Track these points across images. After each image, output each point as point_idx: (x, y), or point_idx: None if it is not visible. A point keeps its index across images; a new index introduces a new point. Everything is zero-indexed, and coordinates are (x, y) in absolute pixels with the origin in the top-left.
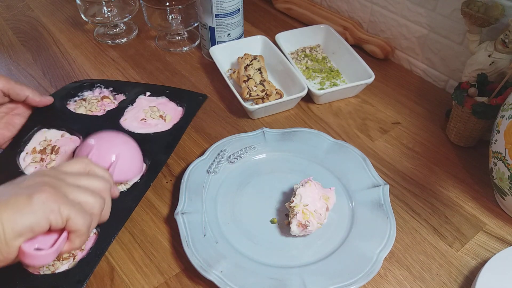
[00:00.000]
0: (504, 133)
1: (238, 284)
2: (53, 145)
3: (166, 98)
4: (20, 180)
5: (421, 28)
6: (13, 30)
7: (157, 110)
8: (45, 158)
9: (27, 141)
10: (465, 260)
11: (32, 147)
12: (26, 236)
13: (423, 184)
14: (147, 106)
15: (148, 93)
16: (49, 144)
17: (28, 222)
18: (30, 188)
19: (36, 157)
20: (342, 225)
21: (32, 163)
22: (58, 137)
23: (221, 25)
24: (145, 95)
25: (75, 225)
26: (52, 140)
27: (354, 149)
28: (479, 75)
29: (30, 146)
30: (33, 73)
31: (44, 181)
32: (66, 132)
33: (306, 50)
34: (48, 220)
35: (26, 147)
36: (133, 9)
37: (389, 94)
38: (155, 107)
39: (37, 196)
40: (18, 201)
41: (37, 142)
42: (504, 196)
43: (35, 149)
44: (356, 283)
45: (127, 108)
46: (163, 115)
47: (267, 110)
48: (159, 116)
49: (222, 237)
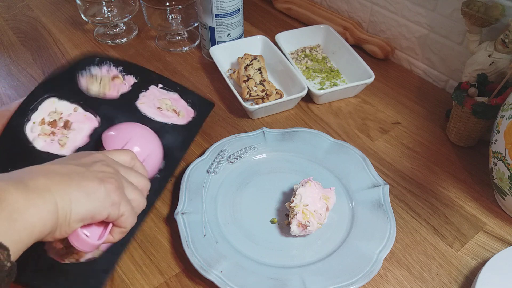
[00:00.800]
0: (504, 133)
1: (238, 284)
2: (66, 120)
3: (178, 95)
4: (80, 158)
5: (421, 28)
6: (13, 30)
7: (170, 104)
8: (56, 132)
9: (34, 109)
10: (465, 260)
11: (41, 118)
12: (86, 222)
13: (423, 184)
14: (160, 97)
15: (160, 85)
16: (61, 118)
17: (93, 208)
18: (99, 174)
19: (45, 129)
20: (342, 225)
21: (41, 136)
22: (70, 110)
23: (221, 25)
24: (157, 86)
25: (125, 223)
26: (63, 113)
27: (354, 149)
28: (479, 75)
29: (38, 115)
30: (33, 73)
31: (109, 170)
32: (80, 107)
33: (306, 50)
34: (108, 212)
35: (33, 115)
36: (133, 9)
37: (389, 94)
38: (168, 100)
39: (106, 186)
40: (89, 186)
41: (45, 112)
42: (504, 196)
43: (43, 120)
44: (356, 283)
45: (142, 93)
46: (176, 110)
47: (267, 110)
48: (173, 110)
49: (222, 237)
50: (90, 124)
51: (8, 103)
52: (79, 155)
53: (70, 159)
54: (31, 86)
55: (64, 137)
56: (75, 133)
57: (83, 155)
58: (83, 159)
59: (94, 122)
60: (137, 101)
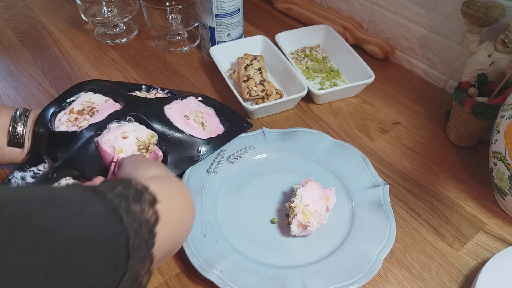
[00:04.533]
0: (504, 133)
1: (238, 284)
2: (93, 107)
3: (214, 111)
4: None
5: (421, 28)
6: (13, 30)
7: (202, 117)
8: (79, 118)
9: (71, 102)
10: (465, 260)
11: (72, 107)
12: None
13: (423, 184)
14: (194, 108)
15: (200, 98)
16: (90, 106)
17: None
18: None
19: (71, 117)
20: (342, 225)
21: (65, 122)
22: (101, 101)
23: (221, 25)
24: (196, 99)
25: None
26: (95, 103)
27: (354, 149)
28: (479, 75)
29: (71, 106)
30: (33, 73)
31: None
32: (111, 98)
33: (306, 50)
34: None
35: (68, 107)
36: (133, 9)
37: (389, 94)
38: (201, 113)
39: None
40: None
41: (79, 103)
42: (504, 196)
43: (73, 109)
44: (356, 283)
45: (176, 100)
46: (204, 123)
47: (267, 110)
48: (200, 123)
49: (222, 237)
50: (113, 109)
51: (8, 103)
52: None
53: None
54: (31, 86)
55: (84, 121)
56: (96, 117)
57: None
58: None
59: (117, 108)
60: (166, 106)
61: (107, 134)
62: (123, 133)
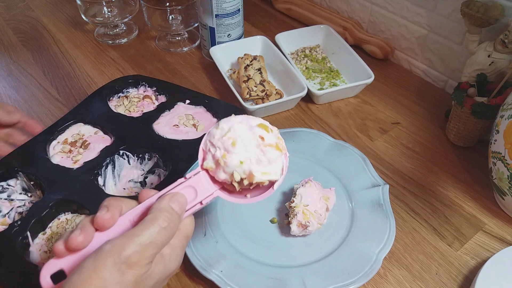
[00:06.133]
0: (504, 133)
1: (238, 284)
2: (84, 140)
3: (204, 108)
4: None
5: (421, 28)
6: (14, 30)
7: (192, 118)
8: (73, 151)
9: (62, 131)
10: (465, 259)
11: (65, 138)
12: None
13: (423, 184)
14: (183, 113)
15: (188, 101)
16: (81, 138)
17: None
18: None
19: (65, 148)
20: (342, 225)
21: (59, 153)
22: (91, 133)
23: (221, 25)
24: (184, 103)
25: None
26: (85, 135)
27: (354, 149)
28: (478, 75)
29: (63, 136)
30: (33, 73)
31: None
32: (100, 130)
33: (306, 50)
34: None
35: (60, 136)
36: (133, 10)
37: (389, 94)
38: (191, 115)
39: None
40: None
41: (70, 134)
42: (503, 196)
43: (66, 140)
44: (356, 282)
45: (164, 113)
46: (196, 124)
47: (267, 110)
48: (192, 125)
49: (222, 237)
50: (104, 144)
51: (9, 103)
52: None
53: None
54: (31, 86)
55: (78, 155)
56: (89, 152)
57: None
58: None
59: (108, 142)
60: (154, 122)
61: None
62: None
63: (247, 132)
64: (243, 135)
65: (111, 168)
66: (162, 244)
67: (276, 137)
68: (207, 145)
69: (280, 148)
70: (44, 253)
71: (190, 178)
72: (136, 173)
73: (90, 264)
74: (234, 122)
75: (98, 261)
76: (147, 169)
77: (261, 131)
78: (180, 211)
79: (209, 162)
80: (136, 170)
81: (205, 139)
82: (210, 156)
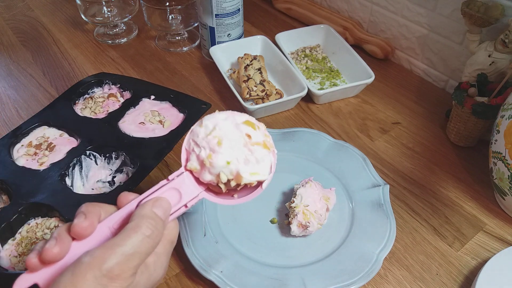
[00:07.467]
0: (504, 133)
1: (238, 284)
2: (50, 142)
3: (169, 104)
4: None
5: (421, 28)
6: (13, 30)
7: (158, 114)
8: (38, 153)
9: (26, 134)
10: (465, 260)
11: (29, 141)
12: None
13: (423, 184)
14: (148, 110)
15: (153, 96)
16: (46, 141)
17: None
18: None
19: (30, 151)
20: (342, 225)
21: (24, 155)
22: (56, 135)
23: (221, 25)
24: (149, 99)
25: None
26: (50, 138)
27: (354, 149)
28: (479, 75)
29: (27, 139)
30: (33, 73)
31: None
32: (66, 133)
33: (306, 50)
34: None
35: (23, 139)
36: (133, 9)
37: (389, 94)
38: (156, 112)
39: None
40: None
41: (34, 137)
42: (504, 196)
43: (31, 143)
44: (356, 283)
45: (129, 110)
46: (163, 120)
47: (267, 110)
48: (158, 121)
49: (222, 237)
50: (70, 146)
51: (8, 103)
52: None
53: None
54: (31, 86)
55: (44, 157)
56: (55, 153)
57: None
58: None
59: (75, 144)
60: (119, 121)
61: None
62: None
63: (233, 130)
64: (229, 134)
65: (78, 169)
66: (146, 253)
67: (264, 135)
68: (190, 144)
69: (268, 146)
70: (14, 258)
71: (173, 180)
72: (104, 173)
73: (68, 279)
74: (219, 119)
75: (77, 275)
76: (114, 168)
77: (247, 128)
78: (164, 217)
79: (193, 162)
80: (104, 170)
81: (187, 138)
82: (194, 156)
